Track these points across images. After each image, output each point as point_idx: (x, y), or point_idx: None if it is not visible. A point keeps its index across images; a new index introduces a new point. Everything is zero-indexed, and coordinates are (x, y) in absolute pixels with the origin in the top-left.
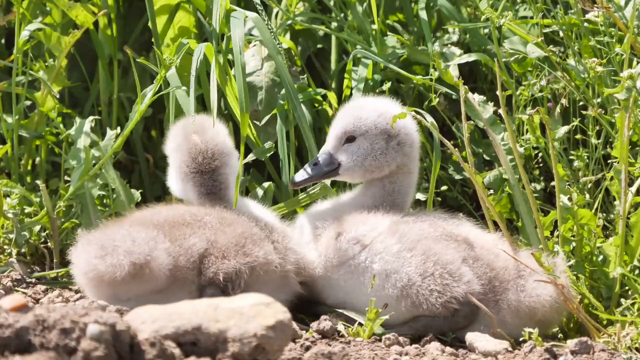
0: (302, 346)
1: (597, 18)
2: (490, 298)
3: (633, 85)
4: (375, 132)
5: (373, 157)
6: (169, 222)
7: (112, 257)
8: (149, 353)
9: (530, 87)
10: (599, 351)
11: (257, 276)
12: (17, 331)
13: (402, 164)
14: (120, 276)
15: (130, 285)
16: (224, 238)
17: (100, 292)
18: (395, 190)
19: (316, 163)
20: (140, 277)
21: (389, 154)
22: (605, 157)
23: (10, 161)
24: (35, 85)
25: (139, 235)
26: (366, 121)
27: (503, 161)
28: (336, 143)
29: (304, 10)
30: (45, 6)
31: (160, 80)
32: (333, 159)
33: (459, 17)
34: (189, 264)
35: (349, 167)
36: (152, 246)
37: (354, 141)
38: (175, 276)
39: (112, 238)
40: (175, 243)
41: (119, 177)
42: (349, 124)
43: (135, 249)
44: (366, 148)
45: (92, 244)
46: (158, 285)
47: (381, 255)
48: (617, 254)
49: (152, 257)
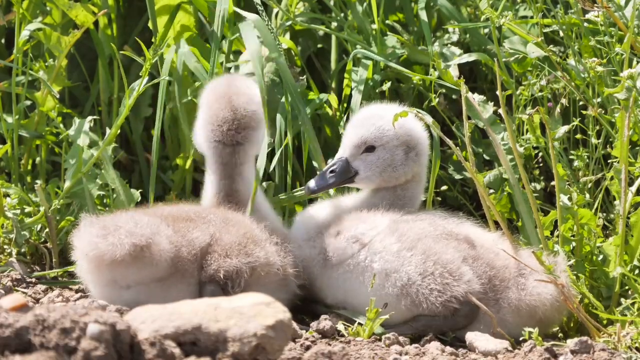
0: (302, 346)
1: (597, 18)
2: (490, 297)
3: (633, 85)
4: (396, 144)
5: (393, 168)
6: (172, 216)
7: (113, 236)
8: (149, 353)
9: (530, 87)
10: (599, 350)
11: (257, 277)
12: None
13: (416, 172)
14: (120, 256)
15: (130, 268)
16: (228, 237)
17: (100, 277)
18: (406, 196)
19: (333, 170)
20: (141, 260)
21: (408, 164)
22: (605, 156)
23: (10, 161)
24: (35, 85)
25: (142, 218)
26: (388, 132)
27: (503, 161)
28: (354, 151)
29: (303, 10)
30: (45, 6)
31: (146, 72)
32: (350, 167)
33: (459, 17)
34: (190, 256)
35: (367, 177)
36: (154, 230)
37: (374, 151)
38: (176, 266)
39: (115, 220)
40: (178, 233)
41: (119, 177)
42: (370, 134)
43: (138, 230)
44: (386, 159)
45: (94, 224)
46: (158, 272)
47: (381, 255)
48: (617, 254)
49: (153, 241)
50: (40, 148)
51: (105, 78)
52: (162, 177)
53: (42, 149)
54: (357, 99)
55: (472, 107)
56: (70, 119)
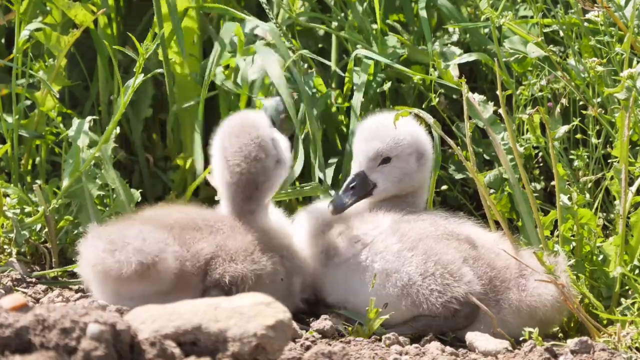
0: (302, 346)
1: (597, 18)
2: (491, 298)
3: (633, 84)
4: (409, 152)
5: (409, 176)
6: (180, 225)
7: (120, 253)
8: (149, 353)
9: (531, 87)
10: (599, 350)
11: (262, 284)
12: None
13: (425, 177)
14: (126, 273)
15: (135, 284)
16: (234, 243)
17: (104, 288)
18: (414, 202)
19: (353, 187)
20: (146, 278)
21: (421, 171)
22: (605, 156)
23: (10, 161)
24: (35, 85)
25: (150, 235)
26: (402, 142)
27: (503, 161)
28: (370, 164)
29: (304, 10)
30: (45, 6)
31: (140, 68)
32: (368, 181)
33: (459, 16)
34: (194, 270)
35: (385, 188)
36: (161, 248)
37: (389, 162)
38: (179, 280)
39: (123, 234)
40: (184, 247)
41: (119, 177)
42: (385, 145)
43: (145, 248)
44: (402, 168)
45: (102, 237)
46: (162, 287)
47: (382, 255)
48: (617, 254)
49: (160, 259)
50: (40, 148)
51: (104, 78)
52: (162, 177)
53: (42, 149)
54: (357, 98)
55: (473, 107)
56: (70, 118)
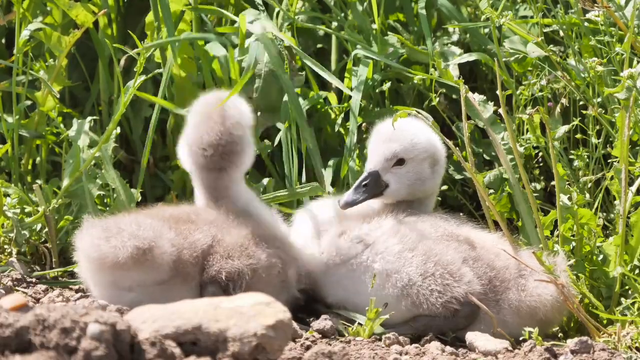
0: (303, 346)
1: (597, 17)
2: (491, 298)
3: (633, 84)
4: (424, 157)
5: (421, 181)
6: (174, 217)
7: (116, 239)
8: (149, 352)
9: (531, 87)
10: (599, 350)
11: (258, 278)
12: (18, 331)
13: (436, 185)
14: (122, 259)
15: (132, 271)
16: (230, 238)
17: (101, 279)
18: (424, 205)
19: (365, 184)
20: (142, 263)
21: (434, 178)
22: (606, 156)
23: (10, 161)
24: (35, 85)
25: (145, 221)
26: (418, 146)
27: (503, 161)
28: (385, 165)
29: (304, 10)
30: (45, 6)
31: (140, 68)
32: (381, 180)
33: (459, 16)
34: (192, 259)
35: (396, 190)
36: (157, 233)
37: (404, 164)
38: (178, 269)
39: (117, 222)
40: (180, 236)
41: (119, 177)
42: (402, 148)
43: (140, 233)
44: (416, 172)
45: (97, 226)
46: (159, 275)
47: (382, 255)
48: (617, 254)
49: (155, 244)
50: (40, 148)
51: (105, 78)
52: (162, 177)
53: (42, 149)
54: (357, 98)
55: (472, 107)
56: (70, 118)
